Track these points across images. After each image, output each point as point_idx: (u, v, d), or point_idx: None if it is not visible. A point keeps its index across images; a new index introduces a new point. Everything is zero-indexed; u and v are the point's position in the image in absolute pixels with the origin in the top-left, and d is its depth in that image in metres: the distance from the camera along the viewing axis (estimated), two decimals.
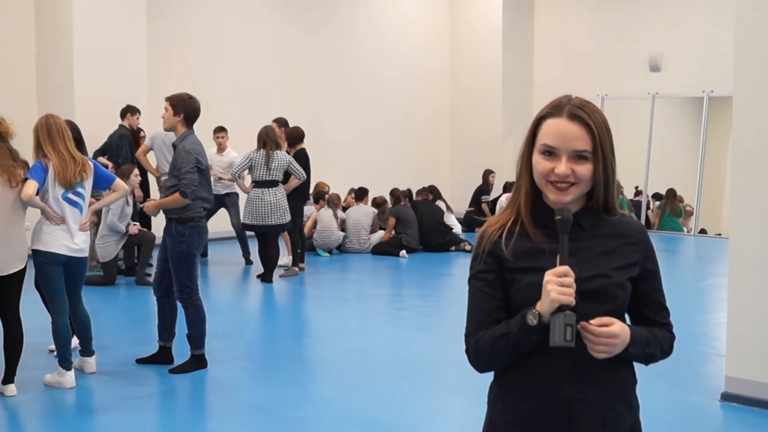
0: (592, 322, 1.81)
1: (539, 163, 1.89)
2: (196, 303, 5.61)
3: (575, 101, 1.89)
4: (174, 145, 5.67)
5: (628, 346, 1.84)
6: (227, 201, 10.38)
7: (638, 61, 14.25)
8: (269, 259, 9.12)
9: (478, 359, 1.93)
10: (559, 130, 1.86)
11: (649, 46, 14.11)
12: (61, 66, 10.46)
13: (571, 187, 1.86)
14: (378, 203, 12.06)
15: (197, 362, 5.71)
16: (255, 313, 8.27)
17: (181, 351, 5.97)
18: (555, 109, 1.89)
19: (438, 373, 5.79)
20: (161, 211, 5.82)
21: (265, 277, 9.12)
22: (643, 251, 1.95)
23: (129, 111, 10.02)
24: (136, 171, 8.87)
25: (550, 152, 1.87)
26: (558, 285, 1.76)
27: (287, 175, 9.09)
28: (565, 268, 1.79)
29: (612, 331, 1.80)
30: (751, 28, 4.90)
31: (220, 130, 10.45)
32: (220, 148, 10.44)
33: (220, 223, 11.00)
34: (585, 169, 1.86)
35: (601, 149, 1.86)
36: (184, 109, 5.53)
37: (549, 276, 1.78)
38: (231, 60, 12.65)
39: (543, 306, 1.78)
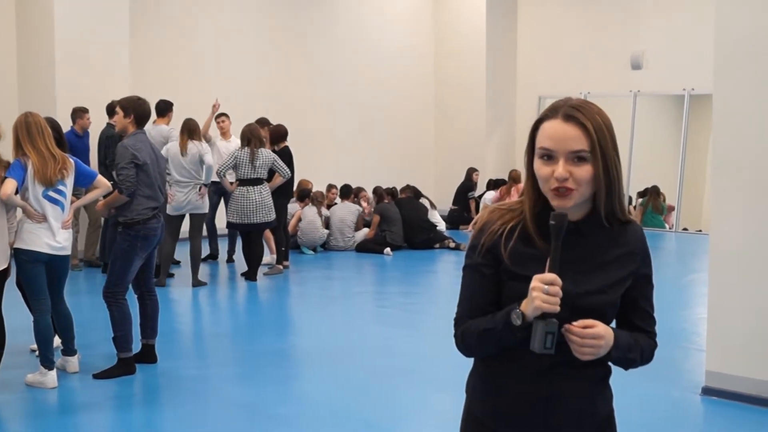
0: (575, 324, 1.81)
1: (539, 169, 1.86)
2: (120, 303, 5.53)
3: (573, 102, 1.86)
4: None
5: (611, 349, 1.85)
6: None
7: (620, 59, 14.33)
8: (254, 257, 9.10)
9: (465, 347, 1.96)
10: (554, 132, 1.83)
11: (631, 44, 14.19)
12: (43, 64, 10.38)
13: (572, 192, 1.82)
14: (354, 193, 12.06)
15: (124, 366, 5.51)
16: (239, 311, 8.25)
17: (162, 348, 5.96)
18: (551, 112, 1.86)
19: (422, 369, 5.80)
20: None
21: (250, 275, 9.11)
22: (641, 260, 1.95)
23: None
24: None
25: (548, 156, 1.84)
26: (544, 293, 1.75)
27: (271, 173, 9.08)
28: (553, 276, 1.77)
29: (597, 332, 1.81)
30: (730, 26, 4.95)
31: (220, 115, 10.14)
32: (224, 134, 10.13)
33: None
34: (583, 172, 1.82)
35: (600, 150, 1.82)
36: (134, 110, 5.65)
37: (536, 282, 1.77)
38: (214, 58, 12.60)
39: (527, 308, 1.78)
